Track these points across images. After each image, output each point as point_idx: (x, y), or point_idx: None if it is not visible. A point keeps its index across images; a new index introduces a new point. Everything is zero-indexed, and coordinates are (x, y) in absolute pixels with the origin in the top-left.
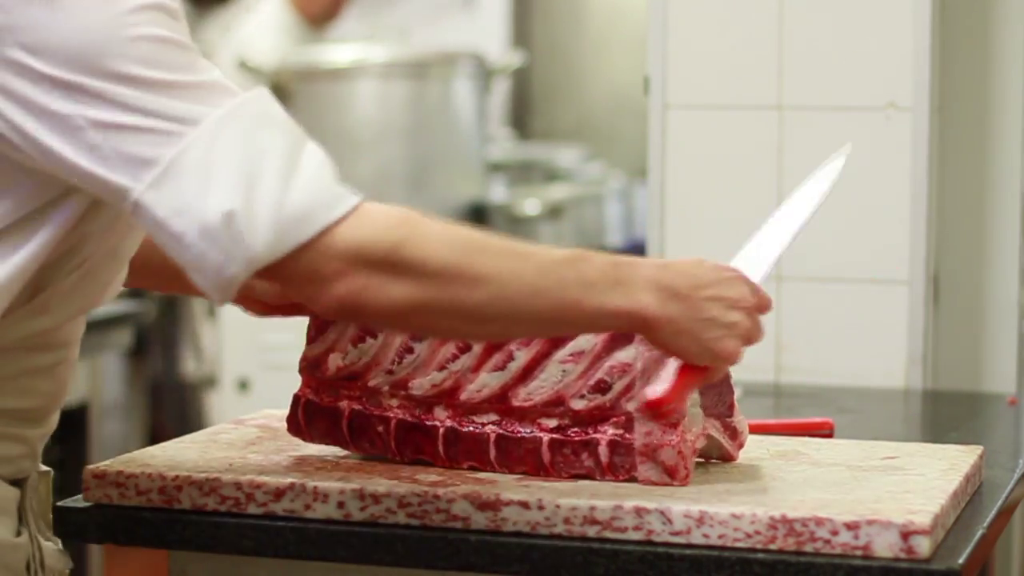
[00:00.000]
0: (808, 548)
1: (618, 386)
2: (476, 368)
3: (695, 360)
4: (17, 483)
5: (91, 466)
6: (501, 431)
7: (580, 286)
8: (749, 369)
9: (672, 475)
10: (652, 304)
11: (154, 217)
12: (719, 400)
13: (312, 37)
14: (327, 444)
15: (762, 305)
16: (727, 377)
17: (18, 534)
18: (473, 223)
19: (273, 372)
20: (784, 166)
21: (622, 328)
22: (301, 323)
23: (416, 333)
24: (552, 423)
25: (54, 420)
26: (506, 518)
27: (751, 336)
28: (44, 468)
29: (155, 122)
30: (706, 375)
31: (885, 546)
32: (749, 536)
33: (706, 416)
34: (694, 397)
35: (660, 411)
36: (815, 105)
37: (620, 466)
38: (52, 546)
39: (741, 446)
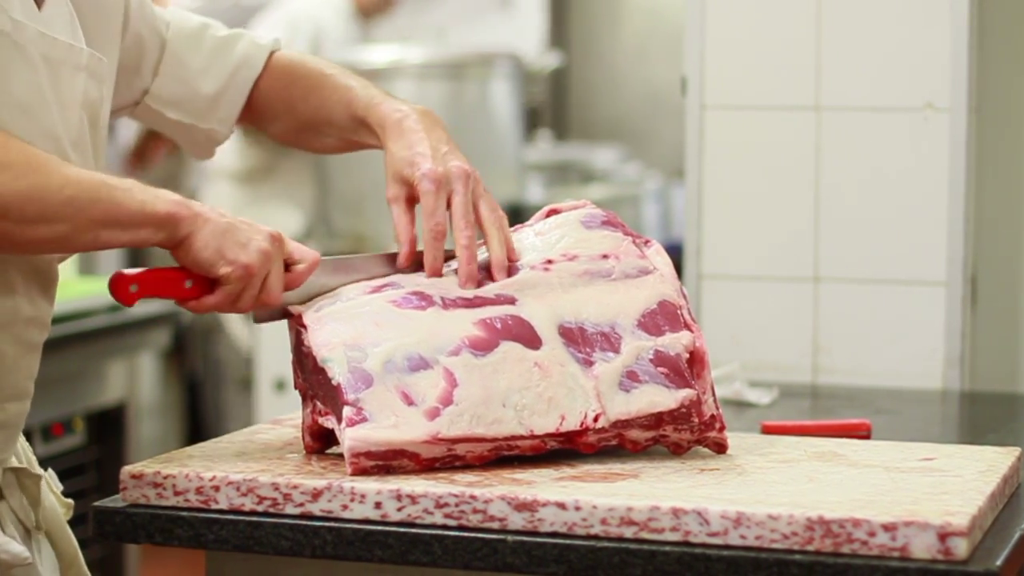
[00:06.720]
0: (845, 549)
1: None
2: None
3: (206, 266)
4: None
5: (128, 466)
6: None
7: (120, 189)
8: (786, 370)
9: None
10: (183, 205)
11: None
12: None
13: (362, 28)
14: None
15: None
16: None
17: None
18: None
19: None
20: (822, 167)
21: (159, 227)
22: None
23: None
24: None
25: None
26: (543, 519)
27: (264, 263)
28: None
29: None
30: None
31: (922, 547)
32: (786, 537)
33: None
34: None
35: (115, 288)
36: (853, 106)
37: None
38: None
39: None
